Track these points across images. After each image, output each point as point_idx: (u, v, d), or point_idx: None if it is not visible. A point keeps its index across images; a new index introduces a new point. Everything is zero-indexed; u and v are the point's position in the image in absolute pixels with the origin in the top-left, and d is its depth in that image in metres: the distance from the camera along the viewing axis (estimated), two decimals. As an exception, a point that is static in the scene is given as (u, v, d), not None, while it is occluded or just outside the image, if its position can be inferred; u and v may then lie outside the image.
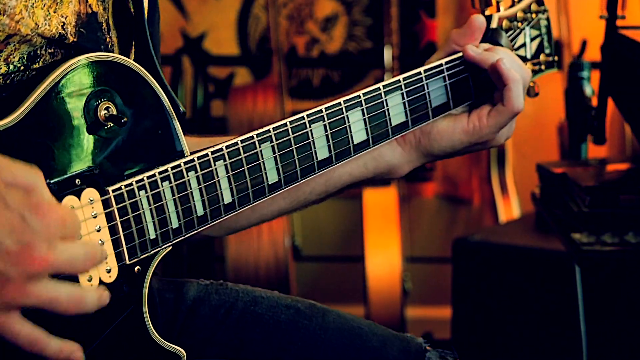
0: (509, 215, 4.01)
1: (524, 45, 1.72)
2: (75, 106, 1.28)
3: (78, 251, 1.13)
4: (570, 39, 3.95)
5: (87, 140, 1.28)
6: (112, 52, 1.40)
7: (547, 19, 1.77)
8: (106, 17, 1.39)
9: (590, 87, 2.60)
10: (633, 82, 2.25)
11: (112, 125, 1.31)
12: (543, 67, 1.76)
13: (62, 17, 1.31)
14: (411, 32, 4.30)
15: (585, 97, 2.57)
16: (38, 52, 1.30)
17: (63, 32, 1.31)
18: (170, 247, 1.37)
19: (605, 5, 2.30)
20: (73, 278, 1.24)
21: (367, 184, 1.67)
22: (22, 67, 1.29)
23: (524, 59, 1.72)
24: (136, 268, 1.33)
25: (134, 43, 1.43)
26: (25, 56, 1.29)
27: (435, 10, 4.27)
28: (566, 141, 3.40)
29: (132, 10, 1.42)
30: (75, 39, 1.32)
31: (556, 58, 1.77)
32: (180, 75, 4.28)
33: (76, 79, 1.28)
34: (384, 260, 3.92)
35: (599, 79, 2.36)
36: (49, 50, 1.31)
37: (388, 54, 4.09)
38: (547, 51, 1.76)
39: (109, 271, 1.29)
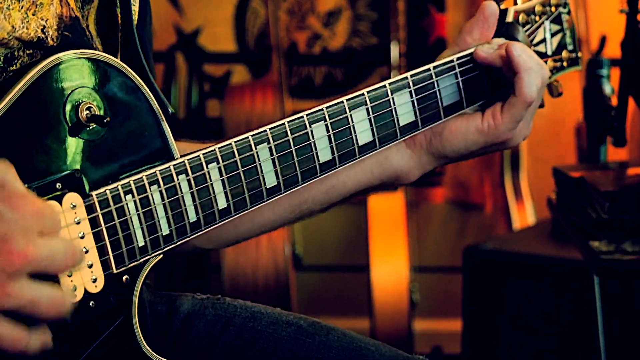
0: (523, 221, 4.01)
1: (543, 40, 1.71)
2: (55, 106, 1.27)
3: (58, 247, 1.12)
4: (588, 34, 3.94)
5: (69, 143, 1.27)
6: None
7: (569, 13, 1.75)
8: (86, 24, 1.39)
9: (610, 86, 2.60)
10: (655, 80, 2.25)
11: (94, 126, 1.30)
12: (565, 64, 1.74)
13: (42, 20, 1.31)
14: (419, 28, 4.30)
15: (604, 96, 2.57)
16: (15, 53, 1.30)
17: (43, 35, 1.31)
18: (161, 256, 1.36)
19: (626, -2, 2.30)
20: (51, 278, 1.21)
21: (374, 191, 1.67)
22: None
23: (544, 54, 1.71)
24: (124, 277, 1.32)
25: (119, 48, 1.43)
26: (1, 58, 1.29)
27: (444, 4, 4.27)
28: (584, 143, 3.39)
29: (120, 17, 1.41)
30: (55, 43, 1.32)
31: (580, 54, 1.76)
32: (174, 73, 4.28)
33: (55, 77, 1.27)
34: (390, 270, 3.92)
35: (619, 76, 2.36)
36: (27, 52, 1.31)
37: (395, 51, 4.09)
38: (570, 47, 1.75)
39: (94, 280, 1.28)
